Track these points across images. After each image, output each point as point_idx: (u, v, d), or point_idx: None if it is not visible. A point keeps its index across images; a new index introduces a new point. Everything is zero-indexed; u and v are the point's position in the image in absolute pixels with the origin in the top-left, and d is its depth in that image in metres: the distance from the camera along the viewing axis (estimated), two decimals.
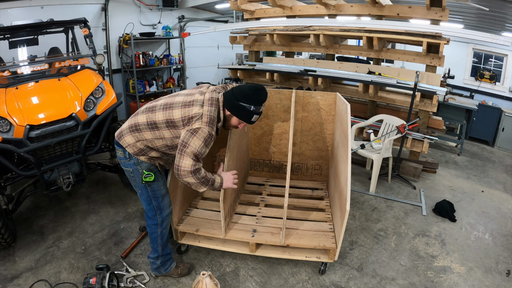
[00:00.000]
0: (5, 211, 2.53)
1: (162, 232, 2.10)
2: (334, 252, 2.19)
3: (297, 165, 3.25)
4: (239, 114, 1.88)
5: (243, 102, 1.84)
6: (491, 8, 4.10)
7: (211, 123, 1.80)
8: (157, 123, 1.83)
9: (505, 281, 2.37)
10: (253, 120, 1.92)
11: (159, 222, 2.07)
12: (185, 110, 1.80)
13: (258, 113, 1.91)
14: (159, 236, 2.10)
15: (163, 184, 2.05)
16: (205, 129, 1.77)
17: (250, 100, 1.85)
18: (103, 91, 2.92)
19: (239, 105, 1.85)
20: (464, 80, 6.52)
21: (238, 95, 1.85)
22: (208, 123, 1.79)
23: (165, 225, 2.10)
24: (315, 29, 4.18)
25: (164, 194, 2.06)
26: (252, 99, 1.85)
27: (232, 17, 6.09)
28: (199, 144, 1.76)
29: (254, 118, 1.90)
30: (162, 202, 2.05)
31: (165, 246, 2.16)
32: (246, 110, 1.86)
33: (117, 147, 1.95)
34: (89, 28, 3.48)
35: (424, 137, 3.75)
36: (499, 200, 3.63)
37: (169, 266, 2.23)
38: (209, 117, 1.79)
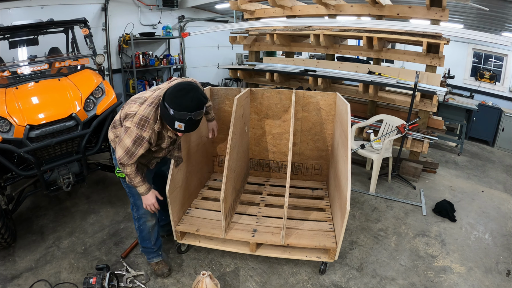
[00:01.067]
0: (5, 211, 2.52)
1: (139, 227, 2.19)
2: (334, 251, 2.20)
3: (297, 165, 3.25)
4: (162, 115, 1.69)
5: (167, 102, 1.62)
6: (491, 8, 4.10)
7: (142, 125, 1.69)
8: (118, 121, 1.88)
9: (505, 281, 2.37)
10: (177, 128, 1.65)
11: (135, 217, 2.17)
12: (129, 106, 1.77)
13: (181, 121, 1.61)
14: (137, 229, 2.22)
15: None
16: (134, 130, 1.69)
17: (171, 101, 1.60)
18: (103, 91, 2.92)
19: (163, 104, 1.64)
20: (464, 80, 6.52)
21: (167, 93, 1.65)
22: (137, 124, 1.68)
23: (142, 222, 2.17)
24: (315, 29, 4.18)
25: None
26: (173, 101, 1.60)
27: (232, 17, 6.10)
28: (129, 143, 1.71)
29: (177, 125, 1.64)
30: (137, 200, 2.08)
31: (144, 240, 2.24)
32: (167, 113, 1.63)
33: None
34: (89, 28, 3.48)
35: (424, 137, 3.75)
36: (499, 200, 3.63)
37: (151, 258, 2.31)
38: (140, 117, 1.68)
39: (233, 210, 2.61)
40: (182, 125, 1.63)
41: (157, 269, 2.30)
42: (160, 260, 2.32)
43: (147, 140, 1.74)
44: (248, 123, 3.03)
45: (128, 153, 1.74)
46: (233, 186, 2.53)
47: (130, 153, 1.74)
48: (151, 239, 2.24)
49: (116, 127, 1.91)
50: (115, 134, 1.91)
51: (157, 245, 2.29)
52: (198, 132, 2.76)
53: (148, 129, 1.71)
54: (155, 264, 2.31)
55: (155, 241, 2.27)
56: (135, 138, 1.71)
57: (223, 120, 3.05)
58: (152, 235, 2.24)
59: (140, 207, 2.11)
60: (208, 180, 3.19)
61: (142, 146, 1.74)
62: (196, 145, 2.73)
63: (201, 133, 2.86)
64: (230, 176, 2.31)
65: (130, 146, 1.72)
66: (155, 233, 2.26)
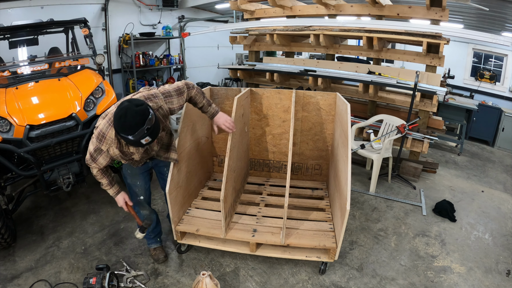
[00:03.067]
0: (5, 211, 2.53)
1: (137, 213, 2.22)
2: (334, 251, 2.20)
3: (297, 165, 3.25)
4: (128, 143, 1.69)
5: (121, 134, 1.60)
6: (491, 8, 4.10)
7: (100, 139, 1.74)
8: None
9: (505, 281, 2.37)
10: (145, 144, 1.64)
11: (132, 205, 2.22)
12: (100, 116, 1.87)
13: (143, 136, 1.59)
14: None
15: (128, 175, 2.19)
16: (94, 141, 1.78)
17: (123, 131, 1.58)
18: (103, 91, 2.92)
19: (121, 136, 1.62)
20: (464, 80, 6.52)
21: (114, 125, 1.61)
22: (97, 137, 1.76)
23: (137, 210, 2.23)
24: (315, 29, 4.18)
25: (130, 183, 2.21)
26: (123, 130, 1.58)
27: (232, 17, 6.10)
28: (91, 149, 1.81)
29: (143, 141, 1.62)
30: (129, 189, 2.23)
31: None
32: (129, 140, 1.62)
33: None
34: (89, 28, 3.48)
35: (424, 137, 3.75)
36: (499, 200, 3.63)
37: (149, 244, 2.46)
38: (98, 132, 1.75)
39: (233, 210, 2.61)
40: (148, 139, 1.63)
41: (154, 254, 2.44)
42: (157, 246, 2.46)
43: (105, 152, 1.80)
44: (248, 123, 3.03)
45: (91, 157, 1.84)
46: (233, 186, 2.53)
47: (92, 158, 1.84)
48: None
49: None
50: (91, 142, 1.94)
51: (154, 232, 2.41)
52: (198, 132, 2.76)
53: (105, 144, 1.77)
54: (153, 250, 2.45)
55: (152, 229, 2.38)
56: (95, 148, 1.80)
57: None
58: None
59: (132, 196, 2.22)
60: (208, 180, 3.19)
61: (101, 155, 1.82)
62: (196, 145, 2.73)
63: (201, 133, 2.86)
64: (230, 176, 2.31)
65: (92, 152, 1.82)
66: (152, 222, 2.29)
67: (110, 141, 1.75)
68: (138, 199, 2.24)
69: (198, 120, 2.73)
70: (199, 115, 2.73)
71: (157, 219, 2.42)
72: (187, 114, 2.40)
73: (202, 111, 2.19)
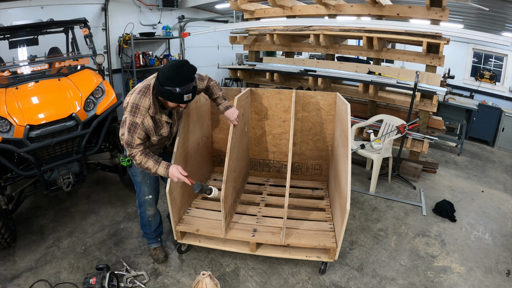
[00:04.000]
0: (5, 211, 2.53)
1: (140, 214, 2.32)
2: (334, 251, 2.20)
3: (297, 165, 3.25)
4: (169, 98, 1.81)
5: (168, 85, 1.74)
6: (491, 8, 4.10)
7: (134, 112, 1.82)
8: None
9: (505, 281, 2.37)
10: (186, 100, 1.81)
11: (137, 204, 2.30)
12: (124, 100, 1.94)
13: (188, 92, 1.77)
14: (139, 215, 2.34)
15: (140, 172, 2.19)
16: (128, 118, 1.82)
17: (173, 82, 1.73)
18: (103, 91, 2.92)
19: (165, 90, 1.76)
20: (464, 80, 6.51)
21: (161, 79, 1.76)
22: (130, 112, 1.82)
23: (142, 209, 2.29)
24: (315, 29, 4.18)
25: (140, 181, 2.22)
26: (174, 81, 1.73)
27: (232, 17, 6.09)
28: (125, 133, 1.85)
29: (186, 98, 1.78)
30: (139, 188, 2.24)
31: (144, 226, 2.38)
32: (173, 94, 1.75)
33: None
34: (89, 28, 3.48)
35: (424, 137, 3.75)
36: (499, 200, 3.63)
37: (149, 243, 2.46)
38: (131, 105, 1.83)
39: (233, 210, 2.61)
40: (190, 95, 1.80)
41: (154, 254, 2.44)
42: (158, 246, 2.46)
43: (139, 126, 1.84)
44: (248, 123, 3.03)
45: (128, 143, 1.87)
46: (233, 186, 2.53)
47: (129, 143, 1.87)
48: (151, 226, 2.36)
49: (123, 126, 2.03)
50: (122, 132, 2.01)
51: (156, 232, 2.42)
52: (198, 132, 2.76)
53: (140, 115, 1.83)
54: (153, 250, 2.45)
55: (155, 229, 2.39)
56: (129, 126, 1.83)
57: (223, 120, 3.05)
58: (153, 223, 2.35)
59: (140, 195, 2.25)
60: (208, 180, 3.19)
61: (136, 132, 1.84)
62: (196, 145, 2.73)
63: (201, 133, 2.86)
64: (230, 176, 2.31)
65: (127, 136, 1.85)
66: (156, 221, 2.37)
67: (144, 111, 1.84)
68: (146, 198, 2.26)
69: (198, 120, 2.73)
70: (199, 115, 2.74)
71: (160, 220, 2.43)
72: (187, 114, 2.40)
73: (216, 103, 2.34)
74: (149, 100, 1.85)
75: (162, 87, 1.75)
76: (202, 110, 2.83)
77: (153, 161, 1.94)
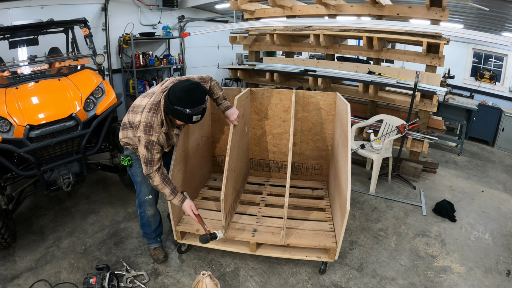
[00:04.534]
0: (5, 211, 2.53)
1: (140, 214, 2.32)
2: (334, 251, 2.20)
3: (297, 165, 3.25)
4: (177, 117, 1.84)
5: (178, 105, 1.78)
6: (491, 8, 4.10)
7: (148, 130, 1.84)
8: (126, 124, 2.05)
9: (505, 281, 2.37)
10: (195, 121, 1.85)
11: (137, 203, 2.30)
12: (132, 116, 1.96)
13: (198, 113, 1.83)
14: (139, 215, 2.34)
15: (140, 173, 2.18)
16: (143, 137, 1.84)
17: (183, 103, 1.77)
18: (103, 91, 2.92)
19: (175, 109, 1.79)
20: (464, 80, 6.51)
21: (172, 97, 1.79)
22: (144, 131, 1.84)
23: (142, 209, 2.30)
24: (315, 29, 4.18)
25: (140, 181, 2.23)
26: (185, 102, 1.77)
27: (232, 17, 6.09)
28: (143, 151, 1.86)
29: (194, 118, 1.83)
30: (139, 188, 2.25)
31: (144, 226, 2.38)
32: (183, 114, 1.79)
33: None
34: (89, 28, 3.48)
35: (424, 137, 3.75)
36: (499, 200, 3.63)
37: (149, 243, 2.46)
38: (144, 124, 1.84)
39: (233, 210, 2.61)
40: (199, 117, 1.85)
41: (153, 254, 2.44)
42: (158, 246, 2.46)
43: (156, 142, 1.88)
44: (248, 123, 3.03)
45: (147, 162, 1.88)
46: (233, 186, 2.53)
47: (148, 161, 1.88)
48: (151, 226, 2.37)
49: (125, 128, 2.06)
50: (123, 134, 2.08)
51: (156, 232, 2.42)
52: (198, 132, 2.76)
53: (154, 133, 1.86)
54: (153, 250, 2.45)
55: (154, 229, 2.39)
56: (146, 144, 1.85)
57: (223, 120, 3.05)
58: (153, 223, 2.36)
59: (139, 195, 2.26)
60: (208, 180, 3.19)
61: (154, 149, 1.88)
62: (196, 145, 2.73)
63: (201, 133, 2.86)
64: (230, 176, 2.31)
65: (146, 154, 1.87)
66: (155, 222, 2.38)
67: (158, 129, 1.88)
68: (146, 198, 2.26)
69: None
70: None
71: (160, 220, 2.43)
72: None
73: (217, 102, 2.35)
74: (160, 116, 1.88)
75: (172, 106, 1.79)
76: None
77: (170, 190, 1.98)
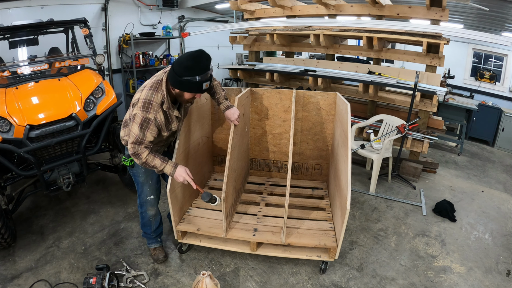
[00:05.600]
0: (5, 211, 2.52)
1: (141, 213, 2.33)
2: (334, 251, 2.20)
3: (298, 164, 3.25)
4: (187, 88, 1.83)
5: (186, 76, 1.76)
6: (491, 8, 4.10)
7: (146, 107, 1.81)
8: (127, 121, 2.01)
9: (505, 281, 2.37)
10: (204, 89, 1.85)
11: (138, 204, 2.31)
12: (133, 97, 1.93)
13: (207, 80, 1.81)
14: (140, 215, 2.35)
15: (142, 173, 2.19)
16: (139, 114, 1.80)
17: (192, 71, 1.76)
18: (103, 91, 2.91)
19: (184, 80, 1.77)
20: (464, 80, 6.52)
21: (178, 70, 1.78)
22: (142, 108, 1.81)
23: (144, 209, 2.30)
24: (315, 29, 4.18)
25: (142, 182, 2.22)
26: (194, 70, 1.76)
27: (232, 17, 6.09)
28: (135, 130, 1.82)
29: (204, 86, 1.83)
30: (140, 188, 2.24)
31: (144, 226, 2.38)
32: (192, 83, 1.78)
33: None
34: (89, 28, 3.48)
35: (424, 137, 3.75)
36: (499, 200, 3.63)
37: (149, 243, 2.46)
38: (143, 101, 1.81)
39: (234, 209, 2.61)
40: (208, 83, 1.83)
41: (154, 254, 2.44)
42: (158, 246, 2.46)
43: (152, 122, 1.84)
44: (248, 123, 3.03)
45: (136, 141, 1.84)
46: (234, 185, 2.53)
47: (140, 140, 1.84)
48: (152, 226, 2.37)
49: (127, 126, 2.01)
50: (125, 132, 2.03)
51: (156, 232, 2.42)
52: (198, 132, 2.76)
53: (153, 111, 1.83)
54: (153, 250, 2.45)
55: (155, 229, 2.40)
56: (141, 122, 1.81)
57: (224, 120, 3.05)
58: (153, 223, 2.36)
59: (141, 195, 2.26)
60: (209, 180, 3.19)
61: (149, 128, 1.84)
62: (196, 144, 2.73)
63: (202, 133, 2.86)
64: (231, 176, 2.31)
65: (138, 133, 1.82)
66: (156, 222, 2.38)
67: (157, 107, 1.84)
68: (148, 198, 2.26)
69: (199, 120, 2.73)
70: (199, 115, 2.74)
71: (160, 220, 2.43)
72: (188, 113, 2.40)
73: (218, 102, 2.34)
74: (161, 95, 1.86)
75: (181, 78, 1.77)
76: (203, 110, 2.83)
77: (160, 159, 1.93)
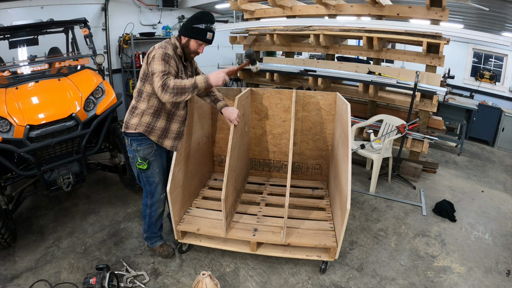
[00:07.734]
0: (5, 211, 2.53)
1: (150, 213, 2.34)
2: (334, 250, 2.20)
3: (298, 164, 3.25)
4: (195, 35, 2.08)
5: (196, 24, 2.07)
6: (491, 8, 4.11)
7: (164, 47, 2.01)
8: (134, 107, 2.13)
9: (505, 281, 2.37)
10: (209, 38, 2.11)
11: (148, 204, 2.31)
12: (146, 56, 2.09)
13: (211, 31, 2.11)
14: (147, 216, 2.35)
15: (157, 173, 2.23)
16: (159, 51, 1.97)
17: (201, 20, 2.07)
18: (103, 91, 2.92)
19: (193, 27, 2.07)
20: (464, 80, 6.52)
21: (189, 20, 2.10)
22: (160, 47, 2.00)
23: (154, 209, 2.32)
24: (315, 29, 4.18)
25: (157, 182, 2.25)
26: (202, 19, 2.08)
27: (232, 17, 6.10)
28: (158, 65, 1.94)
29: (208, 35, 2.10)
30: (154, 188, 2.27)
31: (151, 226, 2.39)
32: (200, 29, 2.07)
33: (125, 137, 2.20)
34: (89, 28, 3.48)
35: (424, 137, 3.75)
36: (499, 200, 3.63)
37: (154, 242, 2.47)
38: (159, 46, 2.02)
39: (234, 209, 2.61)
40: (211, 35, 2.12)
41: (162, 251, 2.46)
42: (163, 242, 2.50)
43: (172, 57, 2.00)
44: (248, 123, 3.03)
45: (165, 71, 1.92)
46: (234, 185, 2.53)
47: (166, 71, 1.93)
48: (157, 225, 2.42)
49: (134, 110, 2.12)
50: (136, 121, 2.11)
51: (160, 229, 2.48)
52: (198, 132, 2.76)
53: (170, 50, 2.01)
54: (159, 247, 2.47)
55: (159, 227, 2.45)
56: (163, 56, 1.94)
57: (223, 120, 3.05)
58: (158, 222, 2.41)
59: (155, 195, 2.28)
60: (209, 180, 3.19)
61: (170, 61, 1.98)
62: (196, 144, 2.73)
63: (202, 133, 2.86)
64: (231, 176, 2.31)
65: (162, 67, 1.93)
66: (160, 220, 2.43)
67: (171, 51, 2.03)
68: (161, 196, 2.31)
69: (198, 120, 2.73)
70: (199, 115, 2.74)
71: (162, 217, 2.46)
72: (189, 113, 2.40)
73: (214, 102, 2.43)
74: (171, 47, 2.07)
75: (191, 25, 2.06)
76: (203, 110, 2.83)
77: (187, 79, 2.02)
